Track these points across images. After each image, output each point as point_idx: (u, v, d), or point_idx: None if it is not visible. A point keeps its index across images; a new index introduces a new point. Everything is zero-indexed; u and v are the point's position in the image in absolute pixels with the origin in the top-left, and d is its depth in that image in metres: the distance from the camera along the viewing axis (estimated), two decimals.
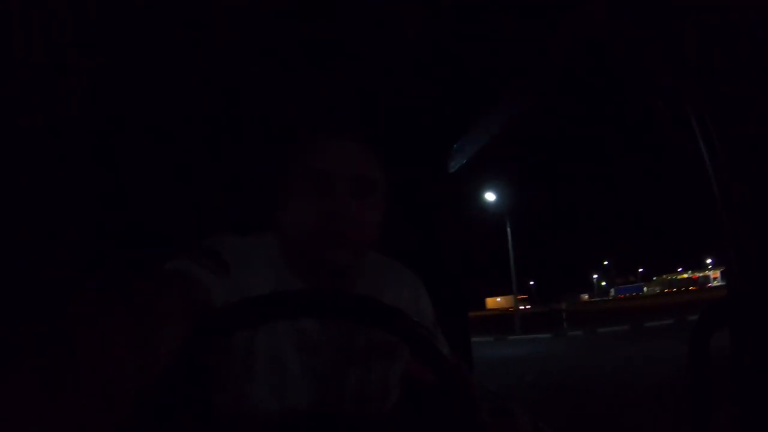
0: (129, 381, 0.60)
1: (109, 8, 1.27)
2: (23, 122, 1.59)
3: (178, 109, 1.78)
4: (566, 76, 1.65)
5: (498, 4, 1.38)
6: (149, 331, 0.66)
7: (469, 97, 1.87)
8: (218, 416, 1.18)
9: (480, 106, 1.93)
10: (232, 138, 1.96)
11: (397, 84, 1.77)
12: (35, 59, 1.39)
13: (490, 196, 24.81)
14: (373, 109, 1.91)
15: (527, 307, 72.99)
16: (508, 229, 24.30)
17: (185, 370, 0.81)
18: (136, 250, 1.67)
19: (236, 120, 1.88)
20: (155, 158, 1.89)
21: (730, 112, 0.93)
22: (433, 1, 1.37)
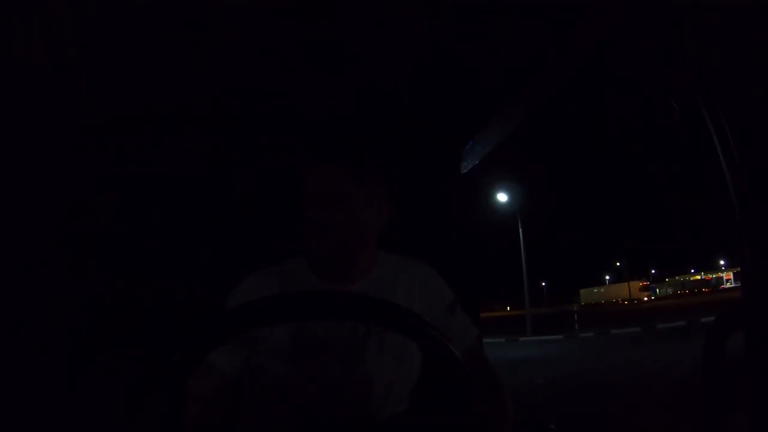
0: None
1: (109, 12, 1.29)
2: (29, 123, 1.61)
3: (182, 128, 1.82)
4: (576, 76, 1.65)
5: (507, 6, 1.39)
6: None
7: (480, 98, 1.87)
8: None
9: (491, 108, 1.93)
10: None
11: (409, 86, 1.78)
12: (38, 59, 1.41)
13: (501, 197, 24.67)
14: (387, 111, 1.92)
15: (651, 298, 70.16)
16: (520, 230, 24.21)
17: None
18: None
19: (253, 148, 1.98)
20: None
21: (743, 106, 0.92)
22: (446, 4, 1.38)
